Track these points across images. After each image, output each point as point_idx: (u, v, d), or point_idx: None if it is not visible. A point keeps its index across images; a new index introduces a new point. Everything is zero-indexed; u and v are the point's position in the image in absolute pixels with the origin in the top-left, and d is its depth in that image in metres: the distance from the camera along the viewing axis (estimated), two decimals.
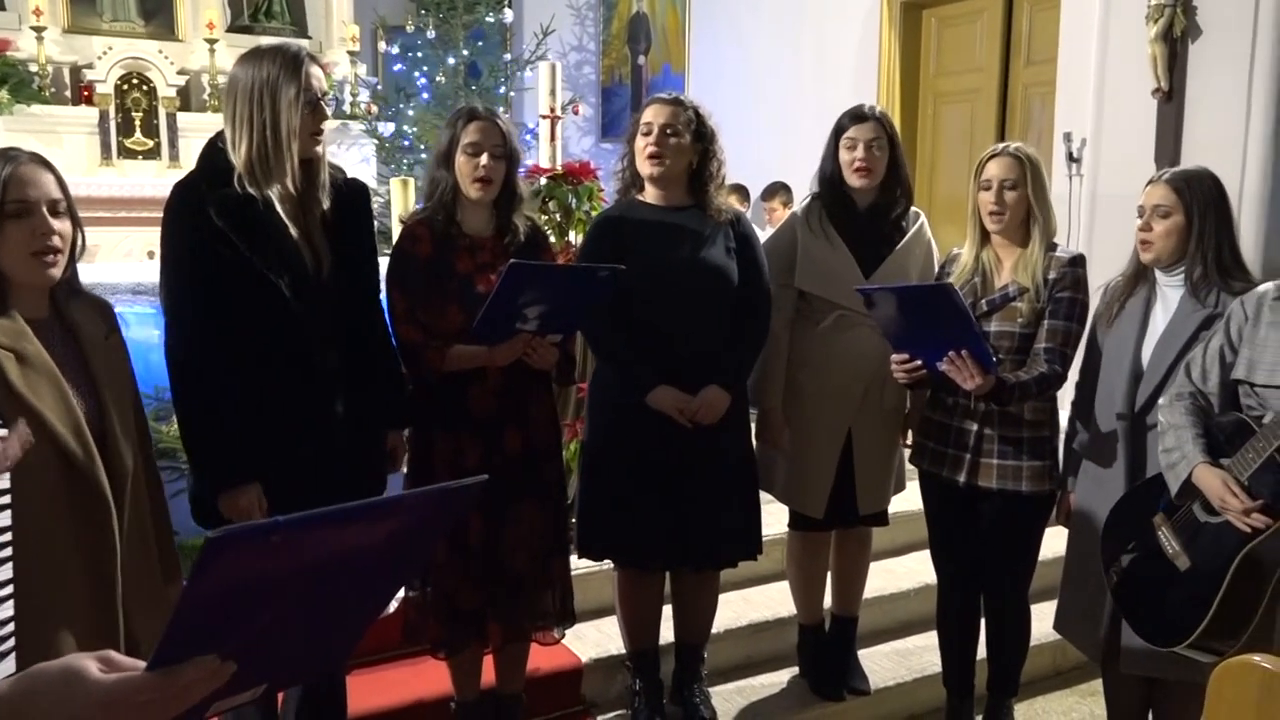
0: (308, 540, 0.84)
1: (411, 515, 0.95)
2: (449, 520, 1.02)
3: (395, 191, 4.18)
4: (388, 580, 1.01)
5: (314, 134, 2.12)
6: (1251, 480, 2.00)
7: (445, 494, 0.96)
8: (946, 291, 2.34)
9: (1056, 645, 3.23)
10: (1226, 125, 3.90)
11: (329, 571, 0.88)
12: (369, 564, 0.92)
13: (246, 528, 0.79)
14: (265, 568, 0.82)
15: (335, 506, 0.84)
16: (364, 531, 0.89)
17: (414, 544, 0.98)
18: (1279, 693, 1.33)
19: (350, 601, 0.96)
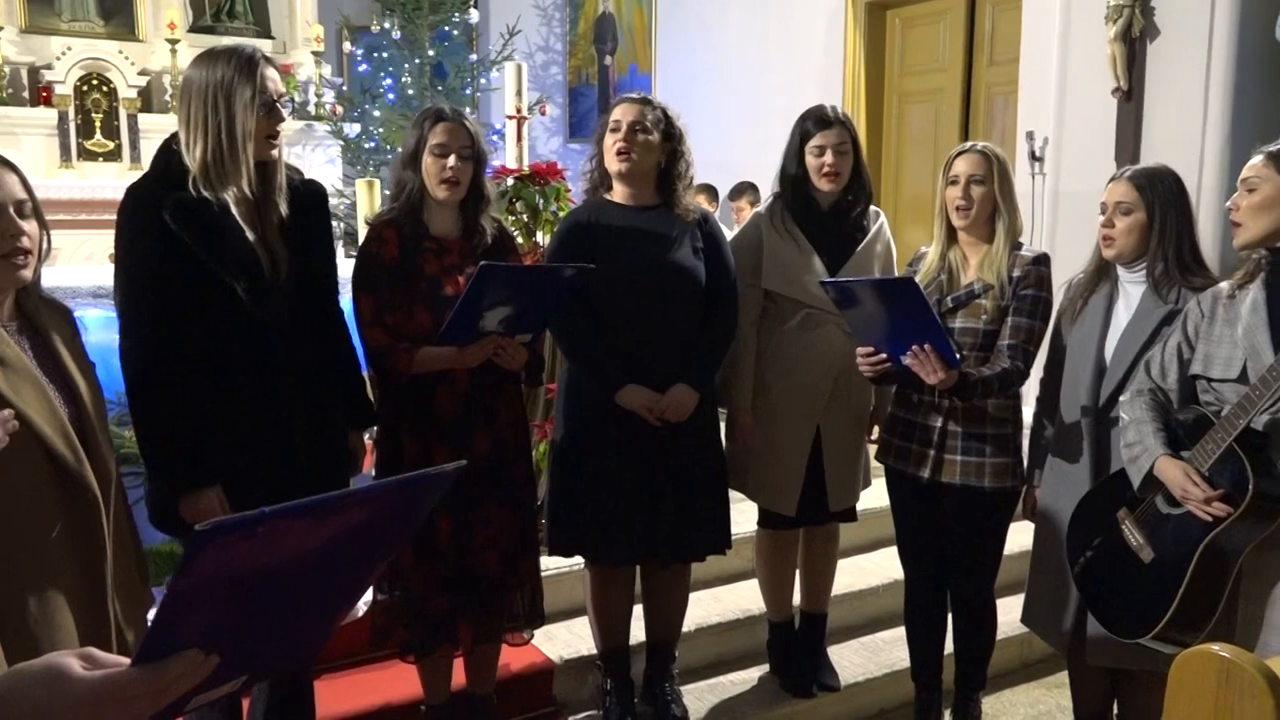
0: (293, 531, 0.84)
1: (391, 503, 0.95)
2: (426, 507, 1.02)
3: (360, 193, 4.15)
4: (364, 569, 1.01)
5: (270, 136, 2.11)
6: (1211, 471, 2.04)
7: (424, 480, 0.97)
8: (910, 284, 2.37)
9: (1023, 638, 3.27)
10: (1184, 124, 3.95)
11: (310, 562, 0.89)
12: (348, 553, 0.93)
13: (234, 520, 0.79)
14: (250, 560, 0.82)
15: (319, 496, 0.84)
16: (346, 521, 0.89)
17: (391, 532, 0.99)
18: (1237, 681, 1.35)
19: (328, 591, 0.97)
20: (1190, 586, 2.04)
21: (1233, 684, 1.35)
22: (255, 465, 2.10)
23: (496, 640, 2.61)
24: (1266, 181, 2.03)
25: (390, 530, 0.97)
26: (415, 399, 2.41)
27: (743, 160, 6.27)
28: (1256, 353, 2.01)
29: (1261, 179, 2.04)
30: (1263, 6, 3.78)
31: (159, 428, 2.06)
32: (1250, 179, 2.07)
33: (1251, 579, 2.05)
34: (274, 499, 0.95)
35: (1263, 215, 2.04)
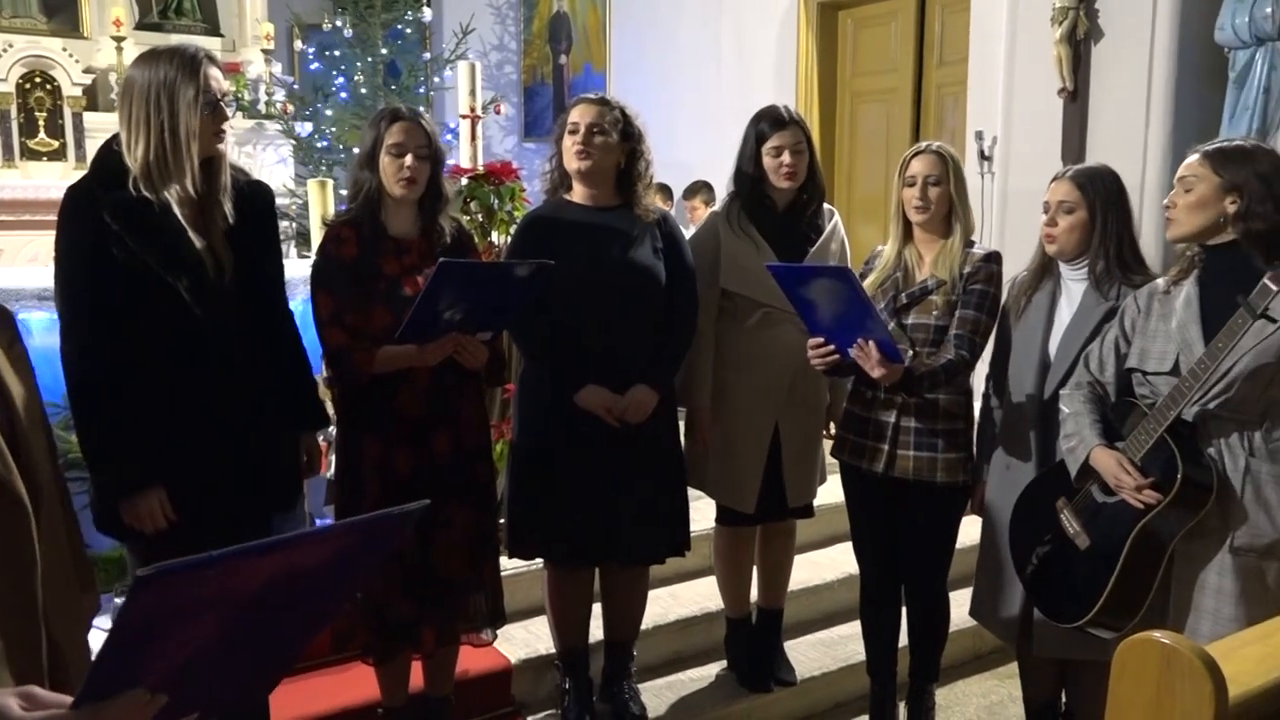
0: (242, 573, 0.83)
1: (348, 543, 0.94)
2: (387, 546, 1.01)
3: (313, 193, 4.11)
4: (323, 606, 1.00)
5: (215, 134, 2.09)
6: (1143, 460, 2.10)
7: (383, 521, 0.96)
8: (844, 274, 2.39)
9: (975, 630, 3.32)
10: (1128, 124, 4.04)
11: (263, 601, 0.87)
12: (304, 591, 0.92)
13: (179, 564, 0.77)
14: (197, 601, 0.81)
15: (270, 539, 0.84)
16: (299, 561, 0.88)
17: (350, 570, 0.98)
18: (1178, 667, 1.39)
19: (286, 628, 0.96)
20: (1123, 572, 2.10)
21: (1173, 669, 1.39)
22: (199, 468, 2.08)
23: (457, 642, 2.60)
24: (1202, 180, 2.09)
25: (349, 568, 0.96)
26: (376, 398, 2.40)
27: (696, 160, 6.30)
28: (1189, 346, 2.07)
29: (1197, 177, 2.10)
30: (1202, 10, 3.88)
31: (99, 430, 2.04)
32: (1187, 177, 2.12)
33: (1182, 564, 2.11)
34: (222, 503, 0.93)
35: (1197, 213, 2.09)
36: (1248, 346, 1.98)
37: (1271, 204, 2.02)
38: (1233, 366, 2.00)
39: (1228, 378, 2.01)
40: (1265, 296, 1.89)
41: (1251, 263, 2.02)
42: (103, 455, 2.05)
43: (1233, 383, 2.01)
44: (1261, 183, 2.04)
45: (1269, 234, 2.01)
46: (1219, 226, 2.08)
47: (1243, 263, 2.04)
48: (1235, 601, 2.03)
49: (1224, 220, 2.07)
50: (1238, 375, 2.00)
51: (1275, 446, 2.04)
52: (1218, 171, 2.07)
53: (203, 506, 2.06)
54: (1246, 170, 2.05)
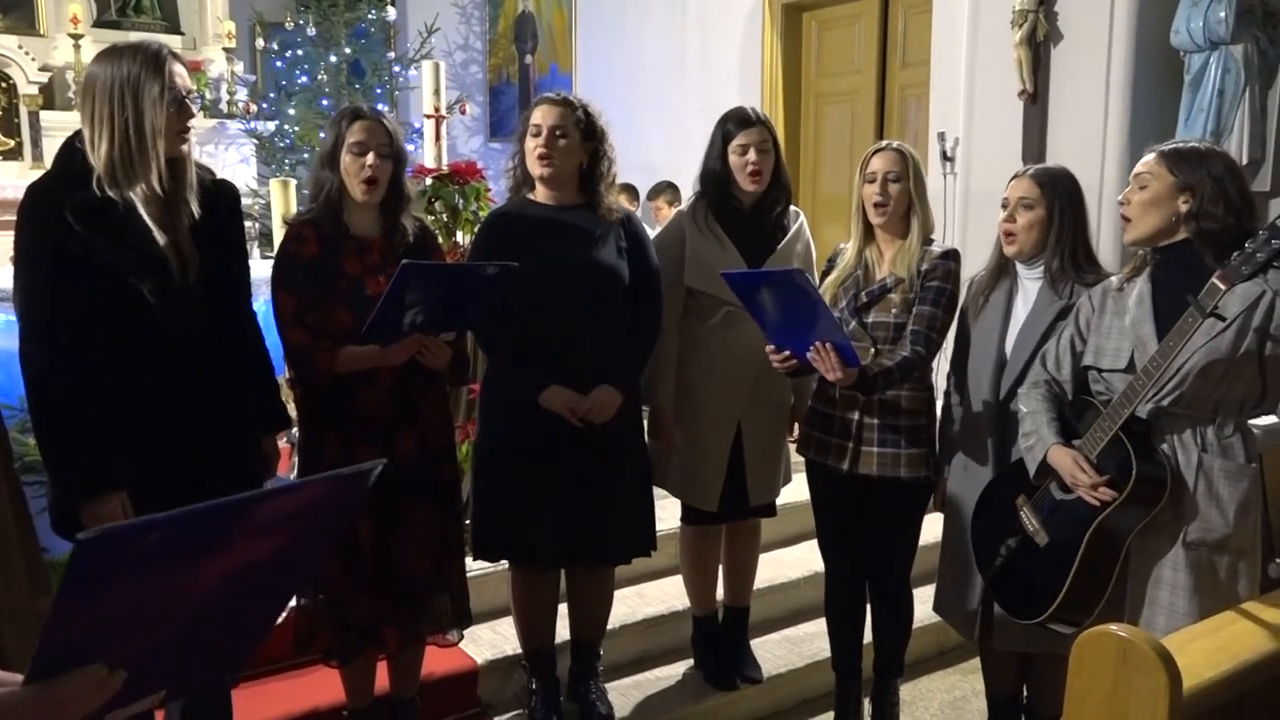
0: (191, 539, 0.81)
1: (299, 507, 0.91)
2: (345, 510, 0.98)
3: (275, 192, 4.08)
4: (285, 578, 0.98)
5: (180, 132, 2.06)
6: (1099, 458, 2.13)
7: (334, 481, 0.93)
8: (796, 277, 2.40)
9: (939, 626, 3.35)
10: (1087, 125, 4.10)
11: (220, 571, 0.85)
12: (263, 561, 0.89)
13: (122, 527, 0.75)
14: (147, 569, 0.78)
15: (217, 500, 0.81)
16: (252, 527, 0.86)
17: (310, 537, 0.95)
18: (1134, 659, 1.42)
19: (248, 601, 0.93)
20: (1081, 568, 2.13)
21: (1130, 661, 1.42)
22: (162, 470, 2.05)
23: (422, 643, 2.59)
24: (1157, 179, 2.12)
25: (308, 534, 0.94)
26: (338, 399, 2.38)
27: (661, 160, 6.31)
28: (1142, 344, 2.10)
29: (1153, 176, 2.13)
30: (1158, 13, 3.94)
31: (59, 432, 2.00)
32: (1142, 175, 2.15)
33: (1138, 559, 2.14)
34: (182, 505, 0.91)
35: (1152, 212, 2.13)
36: (1199, 344, 2.01)
37: (1224, 205, 2.06)
38: (1185, 364, 2.03)
39: (1180, 375, 2.04)
40: (1214, 295, 1.93)
41: (1203, 260, 2.06)
42: (63, 458, 2.02)
43: (1185, 380, 2.05)
44: (1215, 184, 2.07)
45: (1220, 234, 2.05)
46: (1173, 226, 2.11)
47: (1194, 261, 2.08)
48: (1189, 595, 2.07)
49: (1177, 219, 2.10)
50: (1190, 372, 2.04)
51: (1227, 442, 2.08)
52: (1172, 171, 2.10)
53: (163, 509, 2.03)
54: (1200, 171, 2.08)
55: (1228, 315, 1.99)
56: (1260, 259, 1.89)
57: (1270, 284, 2.01)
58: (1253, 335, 2.02)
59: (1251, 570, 2.11)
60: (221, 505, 0.82)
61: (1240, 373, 2.03)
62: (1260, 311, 2.01)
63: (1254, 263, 1.89)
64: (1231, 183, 2.08)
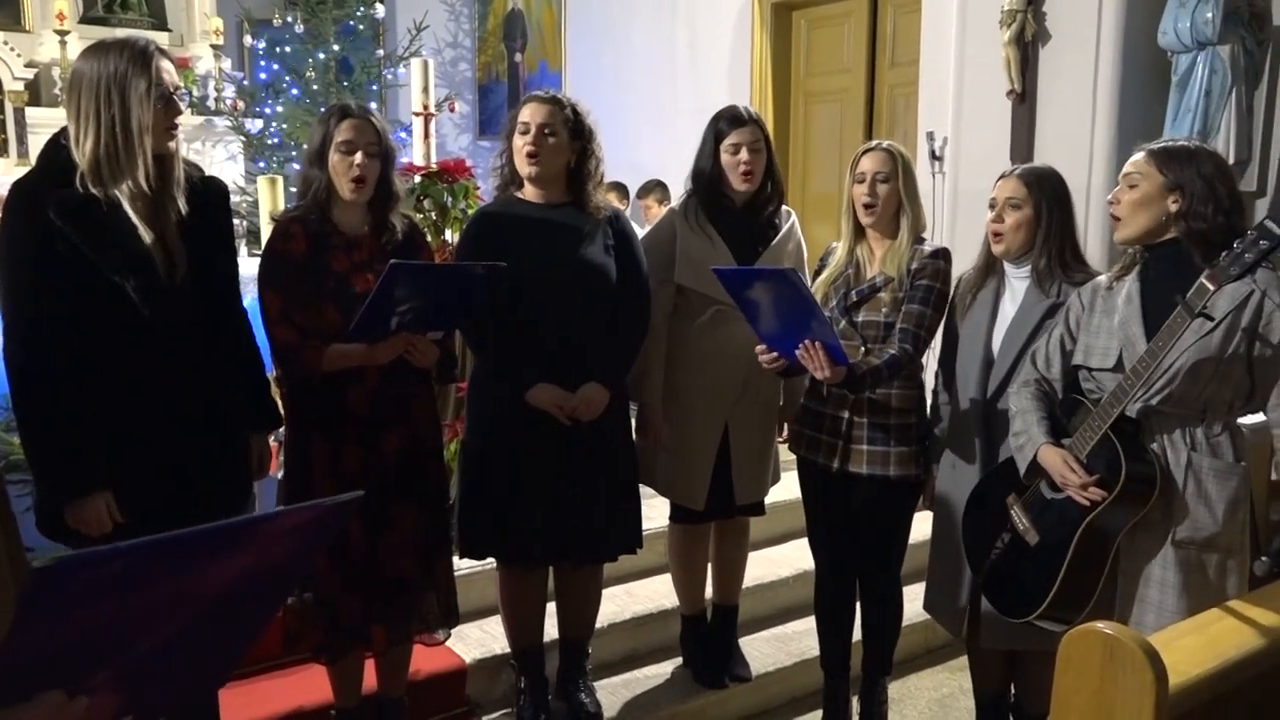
0: (158, 566, 0.79)
1: (274, 536, 0.90)
2: (322, 538, 0.96)
3: (263, 190, 4.06)
4: (260, 603, 0.96)
5: (168, 129, 2.05)
6: (1089, 457, 2.13)
7: (315, 511, 0.92)
8: (789, 275, 2.41)
9: (927, 624, 3.36)
10: (1074, 125, 4.11)
11: (190, 597, 0.83)
12: (236, 587, 0.88)
13: (82, 556, 0.73)
14: (111, 596, 0.76)
15: (186, 530, 0.79)
16: (225, 555, 0.84)
17: (284, 566, 0.93)
18: (1121, 657, 1.42)
19: (221, 626, 0.92)
20: (1071, 567, 2.13)
21: (1116, 659, 1.42)
22: (149, 471, 2.04)
23: (409, 642, 2.59)
24: (1147, 179, 2.13)
25: (283, 562, 0.92)
26: (325, 398, 2.37)
27: (651, 159, 6.31)
28: (1131, 343, 2.11)
29: (1142, 175, 2.13)
30: (1146, 14, 3.95)
31: (43, 431, 1.99)
32: (1132, 175, 2.16)
33: (1127, 558, 2.15)
34: (172, 506, 0.90)
35: (1142, 211, 2.13)
36: (1188, 344, 2.02)
37: (1213, 205, 2.06)
38: (1174, 363, 2.04)
39: (1169, 374, 2.05)
40: (1203, 296, 1.93)
41: (1191, 260, 2.06)
42: (47, 458, 2.00)
43: (1174, 379, 2.05)
44: (1204, 183, 2.07)
45: (1209, 234, 2.05)
46: (1162, 225, 2.12)
47: (1183, 260, 2.08)
48: (1178, 594, 2.08)
49: (1167, 219, 2.11)
50: (1178, 372, 2.04)
51: (1215, 441, 2.09)
52: (1162, 170, 2.11)
53: (150, 509, 2.02)
54: (1190, 170, 2.09)
55: (1216, 315, 2.00)
56: (1248, 260, 1.90)
57: (1259, 284, 2.01)
58: (1241, 335, 2.02)
59: (1240, 568, 2.12)
60: (193, 534, 0.80)
61: (1229, 372, 2.04)
62: (1249, 311, 2.02)
63: (1242, 263, 1.90)
64: (1221, 182, 2.09)
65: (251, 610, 0.95)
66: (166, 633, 0.83)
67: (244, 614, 0.94)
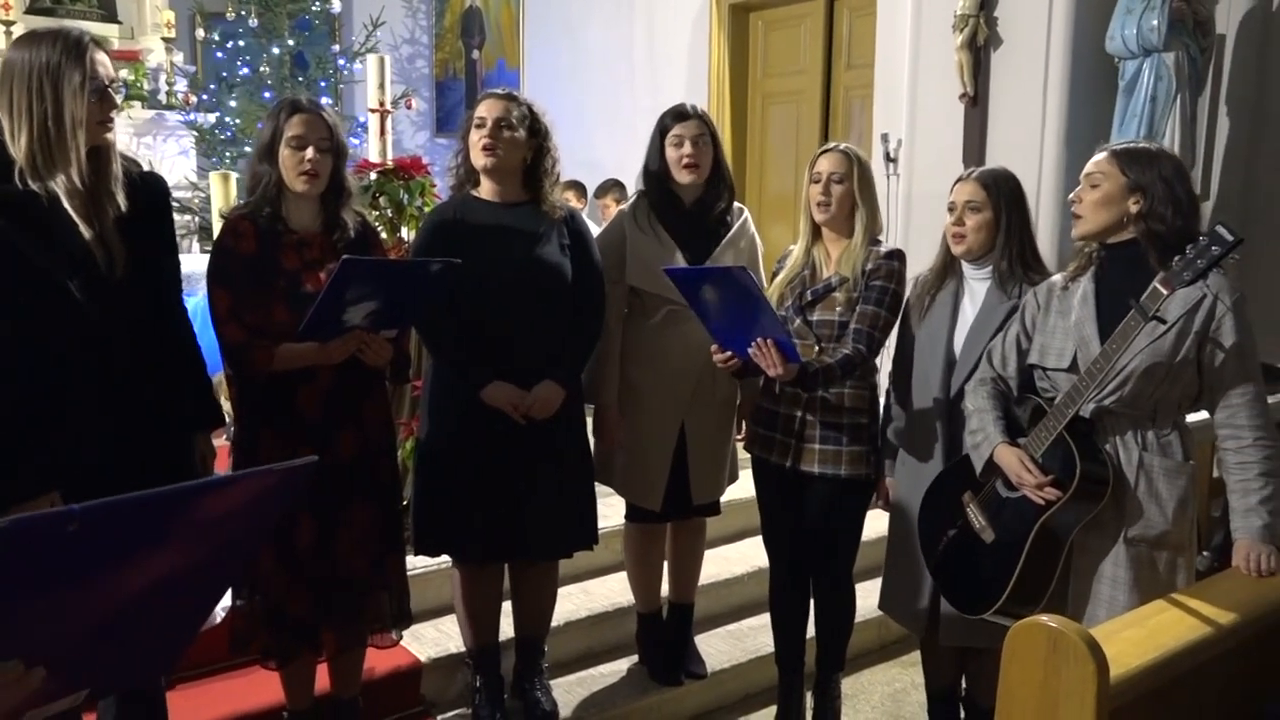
0: (113, 531, 0.78)
1: (228, 502, 0.90)
2: (276, 506, 0.96)
3: (215, 186, 4.01)
4: (214, 575, 0.95)
5: (102, 122, 2.00)
6: (1044, 457, 2.17)
7: (267, 477, 0.92)
8: (740, 274, 2.42)
9: (880, 620, 3.41)
10: (1025, 128, 4.18)
11: (145, 566, 0.83)
12: (190, 557, 0.87)
13: (38, 517, 0.73)
14: (66, 562, 0.76)
15: (139, 493, 0.79)
16: (176, 521, 0.84)
17: (240, 534, 0.93)
18: (1063, 649, 1.45)
19: (176, 598, 0.91)
20: (1026, 564, 2.17)
21: (1059, 651, 1.46)
22: (93, 471, 1.99)
23: (362, 643, 2.57)
24: (1109, 178, 2.15)
25: (238, 531, 0.92)
26: (275, 398, 2.35)
27: (609, 158, 6.31)
28: (1086, 343, 2.15)
29: (1104, 175, 2.16)
30: (1094, 20, 4.03)
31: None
32: (1094, 174, 2.18)
33: (1080, 556, 2.19)
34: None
35: (1103, 210, 2.16)
36: (1141, 346, 2.06)
37: (1172, 207, 2.09)
38: (1127, 365, 2.07)
39: (1121, 376, 2.09)
40: (1156, 300, 1.97)
41: (1146, 262, 2.10)
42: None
43: (1127, 381, 2.09)
44: (1164, 185, 2.11)
45: (1166, 236, 2.08)
46: (1121, 225, 2.15)
47: (1138, 262, 2.12)
48: (1129, 590, 2.12)
49: (1127, 219, 2.14)
50: (1132, 374, 2.08)
51: (1165, 441, 2.13)
52: (1124, 171, 2.13)
53: None
54: (1151, 172, 2.12)
55: (1169, 319, 2.04)
56: (1200, 265, 1.93)
57: (1210, 288, 2.05)
58: (1193, 338, 2.07)
59: (1188, 565, 2.18)
60: (146, 497, 0.80)
61: (1180, 374, 2.09)
62: (1200, 315, 2.06)
63: (1195, 268, 1.94)
64: (1179, 184, 2.13)
65: (202, 583, 0.94)
66: (117, 602, 0.83)
67: (195, 587, 0.93)
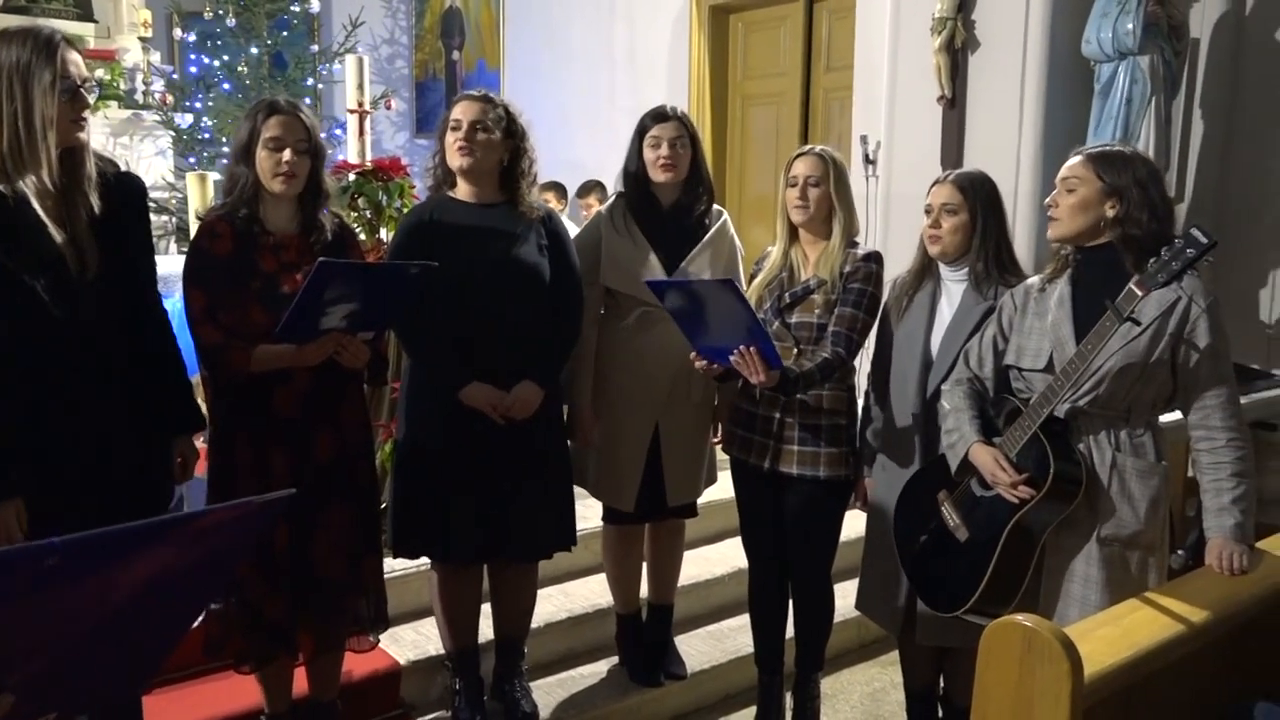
0: (89, 563, 0.78)
1: (205, 534, 0.90)
2: (251, 536, 0.96)
3: (192, 187, 3.99)
4: (187, 602, 0.96)
5: (75, 122, 1.98)
6: (1018, 456, 2.18)
7: (243, 510, 0.92)
8: (729, 286, 2.43)
9: (859, 620, 3.41)
10: (1003, 130, 4.21)
11: (119, 594, 0.83)
12: (163, 585, 0.87)
13: (17, 552, 0.73)
14: (42, 594, 0.76)
15: (119, 526, 0.79)
16: (153, 552, 0.84)
17: (212, 563, 0.93)
18: (1038, 648, 1.46)
19: (147, 624, 0.91)
20: (999, 563, 2.18)
21: (1034, 651, 1.47)
22: (64, 477, 1.97)
23: (340, 646, 2.55)
24: (1085, 183, 2.16)
25: (211, 560, 0.92)
26: (251, 399, 2.34)
27: (589, 159, 6.32)
28: (1062, 344, 2.17)
29: (1080, 180, 2.17)
30: (1070, 24, 4.06)
31: None
32: (1070, 179, 2.18)
33: (1053, 555, 2.21)
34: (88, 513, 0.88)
35: (1079, 214, 2.17)
36: (1115, 348, 2.08)
37: (1148, 211, 2.11)
38: (1102, 366, 2.09)
39: (1096, 376, 2.11)
40: (1131, 301, 1.99)
41: (1122, 264, 2.11)
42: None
43: (1101, 381, 2.11)
44: (1140, 189, 2.12)
45: (1142, 239, 2.09)
46: (1098, 229, 2.16)
47: (1114, 264, 2.13)
48: (1101, 589, 2.13)
49: (1103, 223, 2.15)
50: (1107, 374, 2.10)
51: (1139, 441, 2.15)
52: (1100, 175, 2.14)
53: (65, 516, 1.96)
54: (1127, 176, 2.13)
55: (1143, 320, 2.06)
56: (1175, 267, 1.95)
57: (1185, 290, 2.07)
58: (1167, 339, 2.09)
59: (1160, 564, 2.20)
60: (125, 531, 0.79)
61: (1154, 375, 2.11)
62: (1175, 317, 2.08)
63: (1169, 270, 1.96)
64: (1154, 188, 2.14)
65: (176, 609, 0.94)
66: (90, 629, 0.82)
67: (169, 612, 0.93)
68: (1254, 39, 4.08)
